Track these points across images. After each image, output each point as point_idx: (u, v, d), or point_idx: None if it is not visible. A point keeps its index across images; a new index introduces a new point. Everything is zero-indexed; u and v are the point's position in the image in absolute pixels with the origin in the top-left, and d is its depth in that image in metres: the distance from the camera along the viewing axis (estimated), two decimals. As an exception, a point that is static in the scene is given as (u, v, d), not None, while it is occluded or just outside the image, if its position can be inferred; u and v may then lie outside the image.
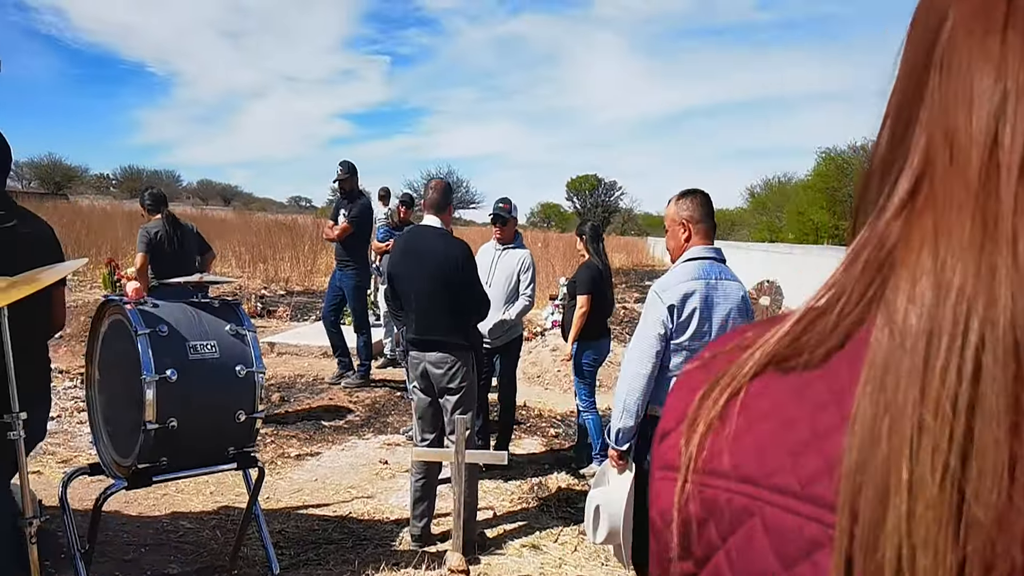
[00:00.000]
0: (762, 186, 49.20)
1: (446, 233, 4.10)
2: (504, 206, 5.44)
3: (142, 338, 2.85)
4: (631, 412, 2.85)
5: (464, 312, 4.03)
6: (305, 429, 6.26)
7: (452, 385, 4.00)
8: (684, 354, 2.85)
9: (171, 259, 6.07)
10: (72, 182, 60.72)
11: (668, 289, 2.89)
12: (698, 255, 2.94)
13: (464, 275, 3.95)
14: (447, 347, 3.97)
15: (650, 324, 2.87)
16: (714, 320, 2.88)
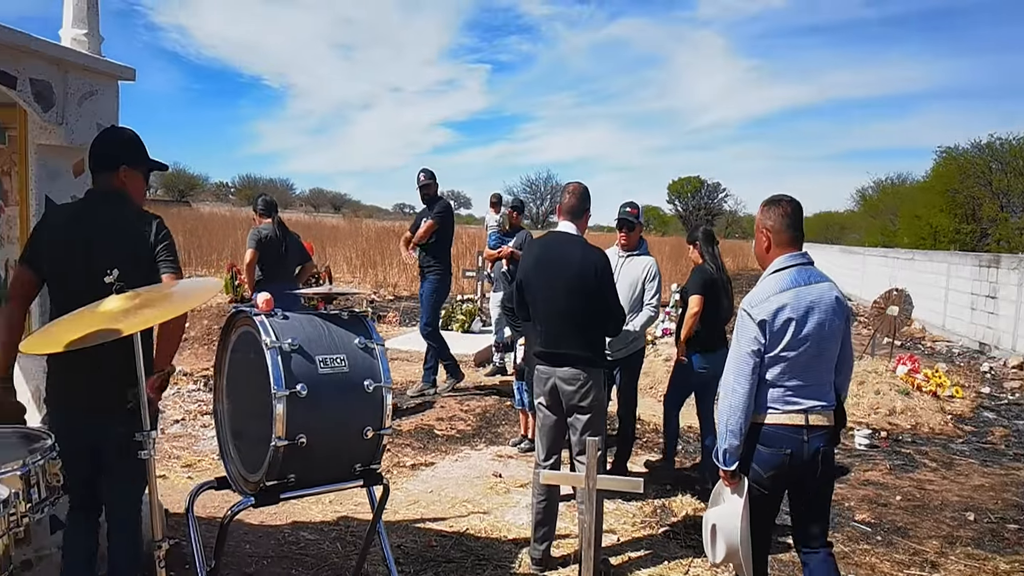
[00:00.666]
0: (874, 188, 47.04)
1: (583, 240, 3.90)
2: (632, 211, 5.22)
3: (272, 351, 2.77)
4: (735, 432, 2.84)
5: (599, 326, 3.83)
6: (419, 438, 6.19)
7: (583, 403, 3.79)
8: (783, 364, 2.83)
9: (276, 262, 6.51)
10: (194, 190, 63.99)
11: (756, 305, 2.85)
12: (783, 265, 2.90)
13: (602, 286, 3.75)
14: (580, 362, 3.77)
15: (743, 342, 2.84)
16: (809, 325, 2.83)
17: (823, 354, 2.87)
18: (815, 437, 2.85)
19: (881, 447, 6.67)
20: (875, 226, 40.60)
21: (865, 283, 20.97)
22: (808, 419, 2.84)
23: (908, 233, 32.72)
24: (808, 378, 2.85)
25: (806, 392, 2.85)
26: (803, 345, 2.81)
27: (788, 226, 2.94)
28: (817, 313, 2.84)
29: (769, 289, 2.87)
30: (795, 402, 2.84)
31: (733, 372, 2.85)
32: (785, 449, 2.83)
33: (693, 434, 6.76)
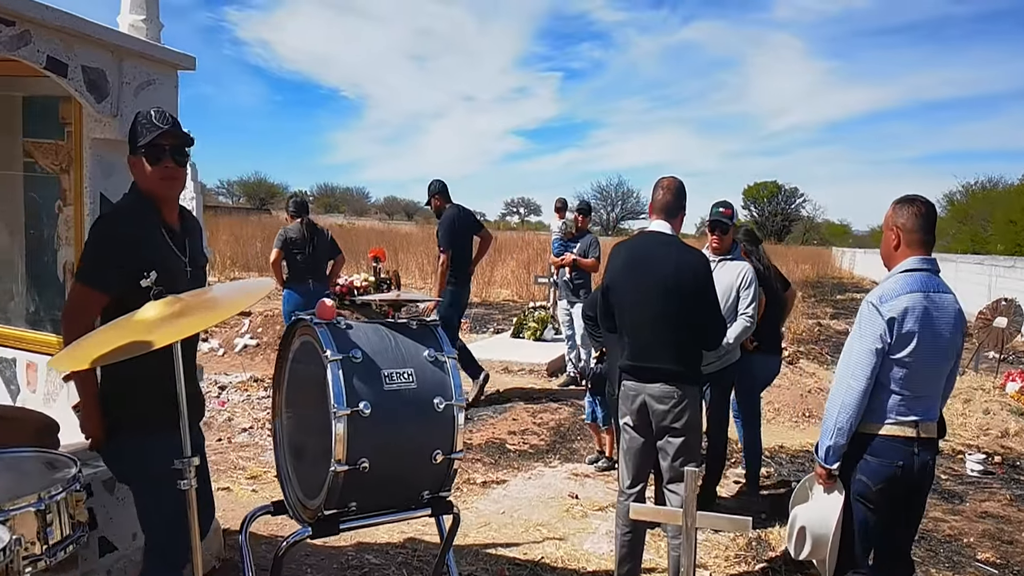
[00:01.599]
0: (962, 192, 44.90)
1: (679, 241, 3.50)
2: (726, 212, 4.78)
3: (333, 364, 2.48)
4: (843, 430, 2.76)
5: (697, 337, 3.43)
6: (490, 452, 5.87)
7: (677, 425, 3.39)
8: (901, 371, 2.73)
9: (304, 260, 7.13)
10: (275, 198, 65.76)
11: (888, 301, 2.73)
12: (915, 267, 2.79)
13: (702, 292, 3.36)
14: (674, 378, 3.37)
15: (868, 338, 2.73)
16: (934, 334, 2.73)
17: (940, 366, 2.82)
18: (924, 450, 2.78)
19: (997, 473, 6.05)
20: (964, 232, 38.74)
21: (958, 292, 19.69)
22: (919, 431, 2.76)
23: (1002, 239, 31.11)
24: (924, 389, 2.78)
25: (921, 403, 2.77)
26: (925, 353, 2.71)
27: (920, 227, 2.81)
28: (942, 323, 2.75)
29: (900, 287, 2.75)
30: (910, 412, 2.75)
31: (852, 367, 2.74)
32: (897, 461, 2.74)
33: (784, 454, 6.27)
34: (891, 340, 2.70)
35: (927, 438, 2.78)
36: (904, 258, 2.82)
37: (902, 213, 2.83)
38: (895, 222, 2.85)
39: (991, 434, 7.02)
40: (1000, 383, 8.30)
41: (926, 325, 2.71)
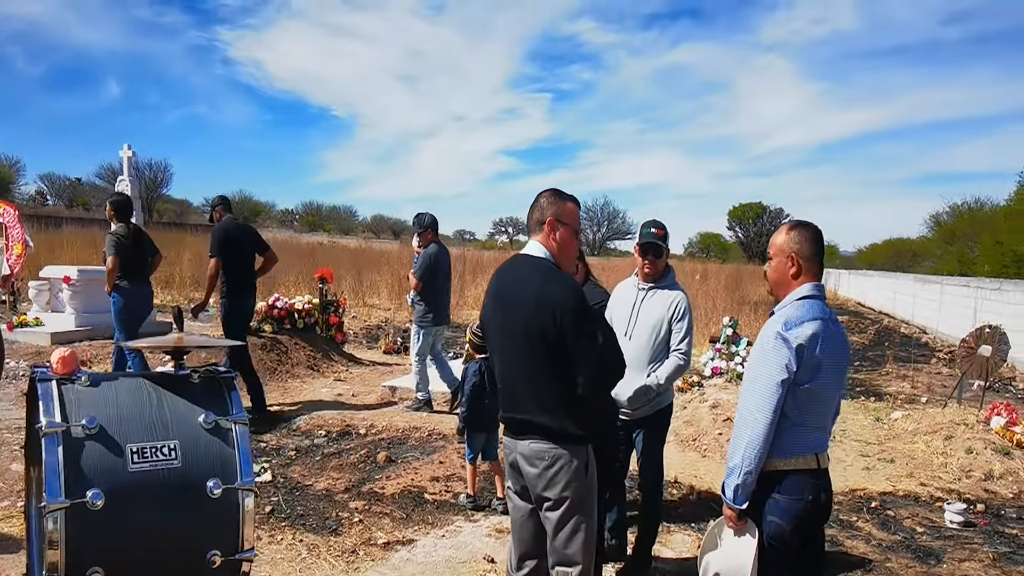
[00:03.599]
0: (949, 213, 44.67)
1: (548, 266, 2.81)
2: (658, 232, 4.13)
3: (49, 439, 1.79)
4: (752, 467, 2.61)
5: (571, 383, 2.72)
6: (403, 504, 5.15)
7: (550, 494, 2.73)
8: (805, 401, 2.62)
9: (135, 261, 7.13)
10: (260, 216, 65.36)
11: (794, 328, 2.61)
12: (811, 294, 2.72)
13: (571, 327, 2.66)
14: (547, 434, 2.74)
15: (774, 368, 2.58)
16: (832, 362, 2.66)
17: (835, 394, 2.77)
18: (826, 482, 2.73)
19: (979, 525, 5.37)
20: (951, 253, 38.44)
21: (943, 315, 19.23)
22: (819, 463, 2.69)
23: (989, 260, 30.68)
24: (824, 419, 2.73)
25: (820, 434, 2.73)
26: (829, 381, 2.65)
27: (816, 253, 2.75)
28: (840, 350, 2.71)
29: (803, 314, 2.64)
30: (812, 444, 2.68)
31: (757, 399, 2.60)
32: (806, 496, 2.64)
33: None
34: (797, 369, 2.57)
35: (825, 469, 2.72)
36: (801, 284, 2.73)
37: (799, 240, 2.74)
38: (791, 249, 2.74)
39: (974, 476, 6.35)
40: (985, 416, 7.65)
41: (828, 352, 2.62)
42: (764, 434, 2.56)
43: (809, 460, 2.65)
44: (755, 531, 2.68)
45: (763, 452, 2.58)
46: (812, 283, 2.72)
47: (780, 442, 2.62)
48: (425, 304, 7.67)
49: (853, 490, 6.04)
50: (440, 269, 7.70)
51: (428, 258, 7.60)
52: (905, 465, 6.72)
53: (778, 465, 2.63)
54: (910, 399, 10.05)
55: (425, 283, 7.57)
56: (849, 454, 7.16)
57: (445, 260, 7.82)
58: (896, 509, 5.64)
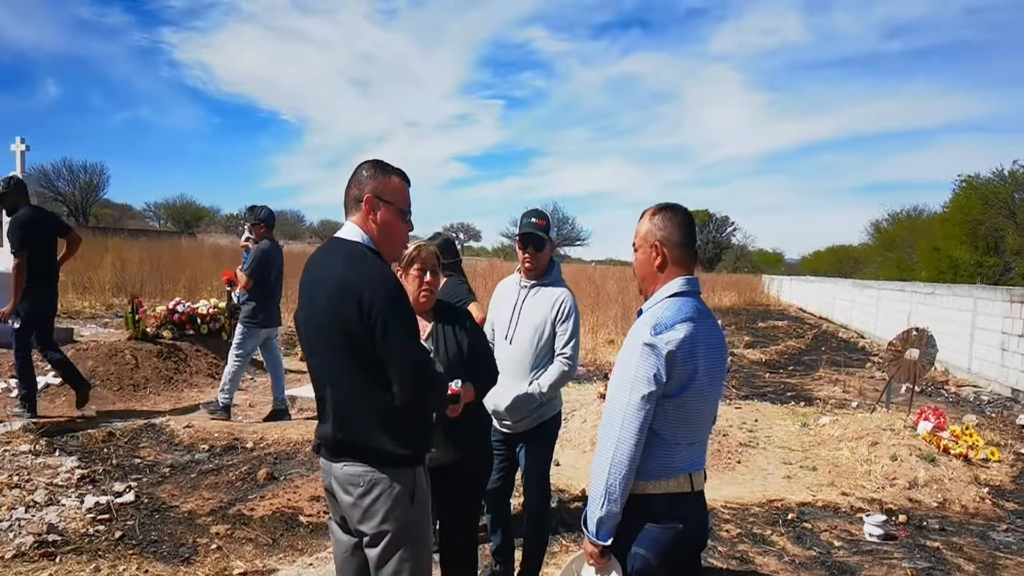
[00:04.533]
0: (889, 221, 45.52)
1: (360, 251, 2.32)
2: (539, 222, 3.69)
3: None
4: (616, 495, 2.21)
5: (388, 391, 2.24)
6: (273, 528, 4.61)
7: (367, 527, 2.28)
8: (677, 414, 2.24)
9: None
10: (202, 221, 63.80)
11: (664, 332, 2.21)
12: (684, 289, 2.33)
13: (380, 323, 2.19)
14: (362, 454, 2.28)
15: (640, 379, 2.19)
16: (707, 369, 2.28)
17: (714, 405, 2.40)
18: (701, 505, 2.38)
19: (900, 538, 5.04)
20: (891, 260, 39.11)
21: (880, 320, 19.28)
22: (693, 482, 2.31)
23: (926, 267, 31.17)
24: (698, 433, 2.34)
25: (694, 451, 2.33)
26: (703, 391, 2.27)
27: (686, 241, 2.37)
28: (716, 354, 2.31)
29: (674, 314, 2.24)
30: (684, 463, 2.28)
31: (620, 417, 2.20)
32: (677, 524, 2.26)
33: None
34: (667, 379, 2.17)
35: (701, 491, 2.36)
36: (671, 279, 2.33)
37: (664, 225, 2.35)
38: (656, 237, 2.35)
39: (898, 484, 6.05)
40: (913, 421, 7.40)
41: (703, 357, 2.24)
42: (630, 457, 2.18)
43: (681, 482, 2.27)
44: (619, 570, 2.30)
45: (629, 477, 2.20)
46: (684, 277, 2.33)
47: (648, 463, 2.24)
48: (255, 303, 7.11)
49: (771, 501, 5.69)
50: (274, 267, 7.17)
51: (261, 254, 7.06)
52: (827, 473, 6.40)
53: (646, 489, 2.25)
54: (841, 404, 9.82)
55: (257, 281, 7.03)
56: (771, 462, 6.83)
57: (279, 258, 7.30)
58: (814, 521, 5.29)
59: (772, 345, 16.67)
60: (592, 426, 7.01)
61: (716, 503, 5.53)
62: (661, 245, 2.33)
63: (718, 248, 65.56)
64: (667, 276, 2.34)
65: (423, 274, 3.02)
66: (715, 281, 37.24)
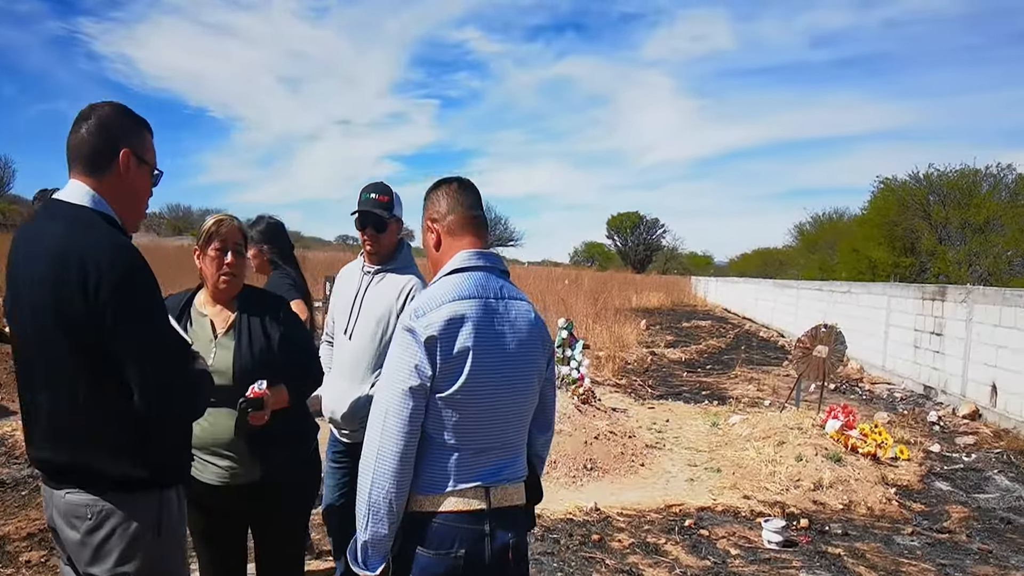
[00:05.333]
0: (812, 223, 46.46)
1: (88, 214, 1.80)
2: (380, 198, 3.18)
3: None
4: (382, 514, 1.80)
5: (122, 394, 1.75)
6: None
7: (99, 570, 1.79)
8: (455, 414, 1.83)
9: None
10: (120, 220, 61.22)
11: (426, 314, 1.83)
12: (466, 264, 1.95)
13: (110, 303, 1.69)
14: (89, 479, 1.79)
15: (401, 373, 1.81)
16: (494, 357, 1.87)
17: (515, 402, 1.95)
18: (502, 526, 1.88)
19: (800, 544, 4.73)
20: (813, 261, 39.83)
21: (799, 319, 19.38)
22: (491, 499, 1.87)
23: (846, 268, 31.76)
24: (493, 436, 1.90)
25: (489, 458, 1.90)
26: (489, 385, 1.87)
27: (461, 211, 2.04)
28: (512, 340, 1.92)
29: (443, 294, 1.89)
30: (473, 474, 1.87)
31: (382, 418, 1.82)
32: (458, 550, 1.83)
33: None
34: (434, 371, 1.82)
35: (505, 508, 1.90)
36: (452, 254, 2.00)
37: (432, 202, 2.07)
38: (427, 216, 2.08)
39: (803, 486, 5.77)
40: (821, 420, 7.19)
41: (486, 344, 1.87)
42: (396, 466, 1.80)
43: (468, 497, 1.86)
44: None
45: (396, 492, 1.81)
46: (468, 250, 1.99)
47: (426, 473, 1.86)
48: None
49: (670, 506, 5.33)
50: None
51: None
52: (731, 475, 6.10)
53: (422, 505, 1.86)
54: (754, 402, 9.61)
55: None
56: (677, 463, 6.50)
57: None
58: (712, 527, 4.95)
59: (693, 344, 16.55)
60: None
61: (612, 510, 5.15)
62: (432, 223, 2.06)
63: (648, 250, 66.12)
64: (448, 253, 2.02)
65: (222, 254, 2.51)
66: (644, 282, 37.38)
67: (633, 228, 66.21)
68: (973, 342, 9.64)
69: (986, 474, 6.59)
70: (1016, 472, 6.66)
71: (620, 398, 9.57)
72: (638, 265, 61.42)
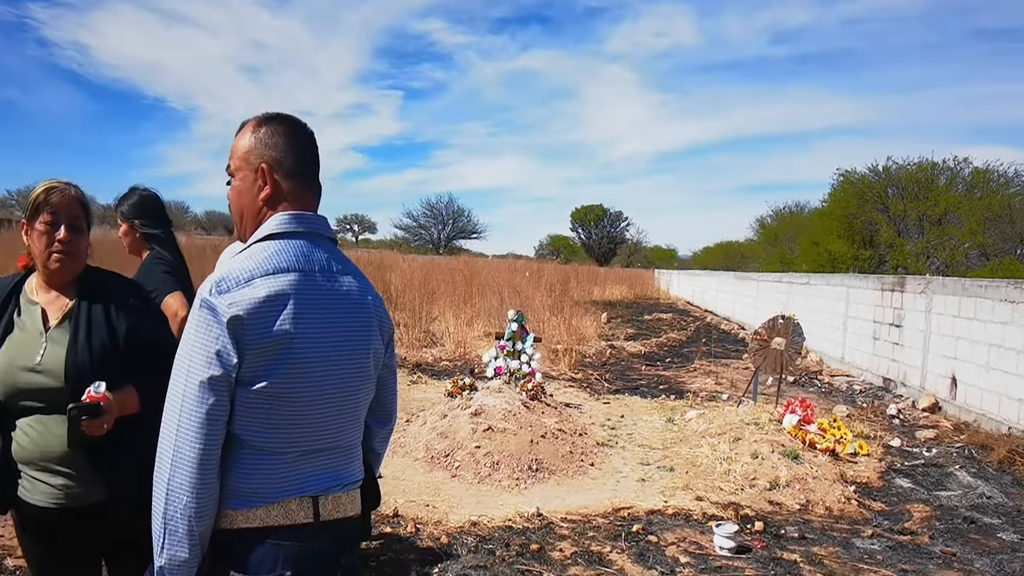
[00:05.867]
0: (773, 216, 46.70)
1: None
2: None
3: None
4: (181, 531, 1.45)
5: None
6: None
7: None
8: (274, 410, 1.49)
9: None
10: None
11: (232, 290, 1.46)
12: (284, 228, 1.58)
13: None
14: None
15: (198, 357, 1.46)
16: (323, 342, 1.55)
17: (348, 395, 1.61)
18: (334, 542, 1.57)
19: (754, 549, 4.42)
20: (774, 254, 40.01)
21: (759, 311, 19.25)
22: (320, 511, 1.54)
23: (807, 260, 31.88)
24: (320, 437, 1.56)
25: (316, 462, 1.56)
26: (315, 376, 1.53)
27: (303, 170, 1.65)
28: (341, 322, 1.59)
29: (255, 265, 1.50)
30: (297, 482, 1.52)
31: (176, 416, 1.45)
32: (282, 571, 1.48)
33: (455, 532, 4.36)
34: (240, 359, 1.45)
35: (337, 520, 1.59)
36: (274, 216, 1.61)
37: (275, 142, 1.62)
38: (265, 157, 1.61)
39: (758, 485, 5.47)
40: (779, 415, 6.91)
41: (310, 327, 1.52)
42: (194, 474, 1.44)
43: (292, 510, 1.53)
44: None
45: (200, 504, 1.46)
46: (288, 212, 1.61)
47: (238, 483, 1.50)
48: None
49: (618, 509, 4.98)
50: None
51: None
52: (685, 474, 5.78)
53: (234, 522, 1.51)
54: (712, 396, 9.34)
55: None
56: (629, 462, 6.17)
57: None
58: (662, 532, 4.61)
59: (654, 337, 16.29)
60: (430, 428, 6.17)
61: (556, 515, 4.79)
62: (271, 169, 1.62)
63: (612, 243, 66.09)
64: (270, 212, 1.63)
65: (52, 228, 2.08)
66: (607, 275, 37.15)
67: (597, 221, 66.06)
68: (933, 333, 9.47)
69: (947, 470, 6.36)
70: (978, 468, 6.44)
71: (575, 393, 9.23)
72: (602, 258, 61.30)
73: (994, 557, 4.50)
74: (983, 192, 24.97)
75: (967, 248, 24.87)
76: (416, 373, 9.90)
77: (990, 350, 8.04)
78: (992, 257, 25.15)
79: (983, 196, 24.72)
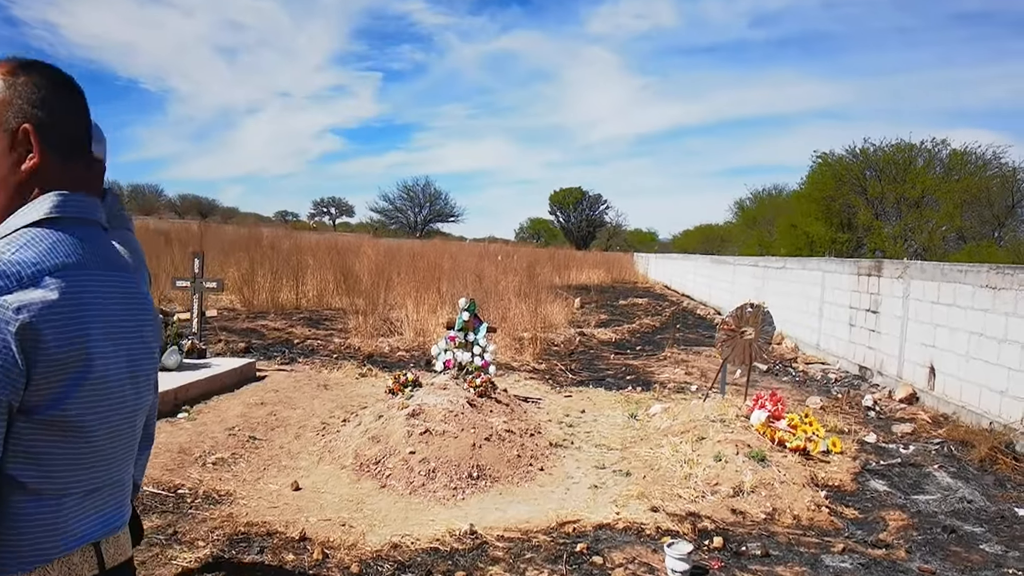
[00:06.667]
0: (752, 199, 46.39)
1: None
2: None
3: None
4: None
5: None
6: None
7: None
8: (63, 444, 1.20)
9: None
10: (32, 195, 58.27)
11: (13, 291, 1.13)
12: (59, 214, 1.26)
13: None
14: None
15: None
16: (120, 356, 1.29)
17: (136, 417, 1.36)
18: None
19: (711, 570, 3.92)
20: (752, 237, 39.68)
21: (736, 296, 18.82)
22: (103, 557, 1.29)
23: (785, 243, 31.55)
24: (104, 470, 1.28)
25: (97, 501, 1.28)
26: (112, 397, 1.26)
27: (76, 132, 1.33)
28: (130, 329, 1.33)
29: (41, 258, 1.18)
30: (80, 528, 1.25)
31: None
32: None
33: (373, 555, 3.82)
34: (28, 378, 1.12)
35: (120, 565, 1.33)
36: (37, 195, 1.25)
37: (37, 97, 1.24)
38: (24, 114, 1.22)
39: (720, 492, 4.97)
40: (748, 410, 6.44)
41: (108, 336, 1.24)
42: None
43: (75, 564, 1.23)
44: None
45: None
46: (58, 193, 1.26)
47: (14, 539, 1.16)
48: None
49: (562, 523, 4.46)
50: None
51: None
52: (642, 479, 5.27)
53: None
54: (680, 387, 8.85)
55: None
56: (583, 466, 5.64)
57: None
58: (609, 551, 4.10)
59: (627, 324, 15.81)
60: (363, 431, 5.62)
61: (492, 533, 4.26)
62: (35, 131, 1.25)
63: (591, 226, 65.60)
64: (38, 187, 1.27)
65: None
66: (584, 259, 36.69)
67: (576, 204, 65.49)
68: (910, 320, 9.03)
69: (926, 470, 5.91)
70: (958, 467, 6.00)
71: (535, 386, 8.71)
72: (581, 242, 60.81)
73: (976, 574, 4.03)
74: (961, 175, 24.69)
75: (945, 231, 24.61)
76: (366, 365, 9.32)
77: (970, 338, 7.59)
78: (969, 240, 24.93)
79: (961, 179, 24.43)
